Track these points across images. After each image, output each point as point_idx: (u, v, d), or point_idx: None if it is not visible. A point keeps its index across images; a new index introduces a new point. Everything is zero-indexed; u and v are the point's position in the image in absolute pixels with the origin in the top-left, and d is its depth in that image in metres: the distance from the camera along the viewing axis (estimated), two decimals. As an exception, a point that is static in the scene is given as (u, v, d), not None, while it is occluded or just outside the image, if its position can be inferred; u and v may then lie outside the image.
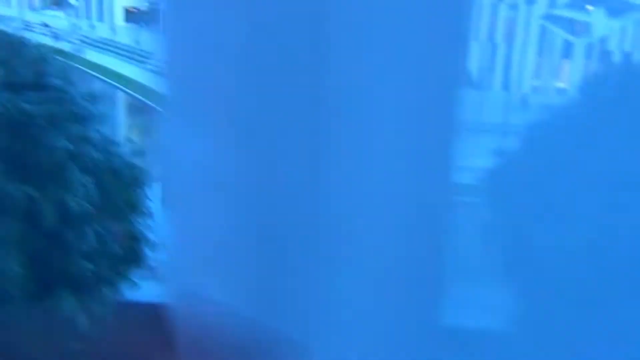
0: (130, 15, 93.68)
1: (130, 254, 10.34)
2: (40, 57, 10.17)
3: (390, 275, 7.72)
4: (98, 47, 76.20)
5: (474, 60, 62.90)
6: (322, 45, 6.08)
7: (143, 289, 11.91)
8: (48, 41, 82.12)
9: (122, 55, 70.92)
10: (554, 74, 61.56)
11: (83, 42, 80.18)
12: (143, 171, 11.28)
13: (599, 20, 60.84)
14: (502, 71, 62.11)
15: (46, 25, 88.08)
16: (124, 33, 74.44)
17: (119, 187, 10.32)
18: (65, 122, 9.00)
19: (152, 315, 10.31)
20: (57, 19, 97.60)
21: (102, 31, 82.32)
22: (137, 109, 56.26)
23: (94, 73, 65.86)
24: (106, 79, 63.23)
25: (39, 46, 10.87)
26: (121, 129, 52.68)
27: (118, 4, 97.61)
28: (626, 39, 62.05)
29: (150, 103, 56.12)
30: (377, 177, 7.41)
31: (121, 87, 60.60)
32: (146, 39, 75.32)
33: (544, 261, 9.11)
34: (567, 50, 62.59)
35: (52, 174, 8.60)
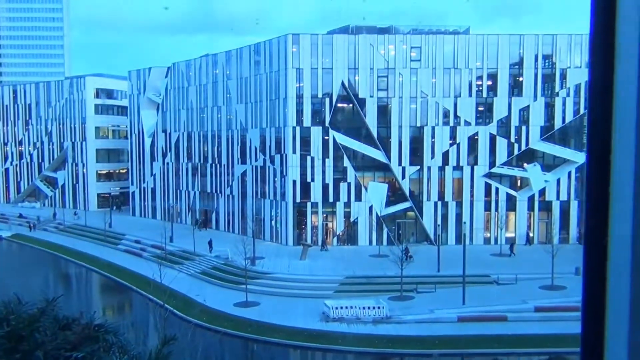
0: (104, 200, 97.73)
1: None
2: None
3: None
4: (73, 233, 79.06)
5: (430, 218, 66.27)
6: None
7: None
8: (24, 231, 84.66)
9: (95, 239, 73.64)
10: (501, 225, 65.21)
11: (59, 229, 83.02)
12: None
13: (536, 174, 65.87)
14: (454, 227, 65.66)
15: (21, 216, 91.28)
16: (97, 218, 77.66)
17: None
18: None
19: None
20: (33, 209, 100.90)
21: (76, 218, 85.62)
22: (110, 289, 58.01)
23: (69, 258, 68.05)
24: (81, 263, 65.38)
25: None
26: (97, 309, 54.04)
27: (92, 192, 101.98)
28: (562, 189, 66.70)
29: (123, 282, 57.95)
30: None
31: (96, 269, 62.73)
32: (118, 222, 78.36)
33: None
34: (511, 203, 66.85)
35: None
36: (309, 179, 65.53)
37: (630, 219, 1.28)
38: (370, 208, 65.31)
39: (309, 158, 65.38)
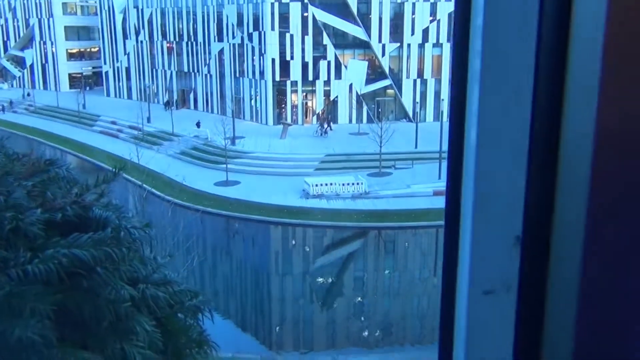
0: (75, 81, 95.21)
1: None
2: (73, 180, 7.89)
3: None
4: (44, 114, 77.40)
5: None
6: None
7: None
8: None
9: (68, 120, 72.22)
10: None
11: (29, 111, 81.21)
12: (202, 297, 9.39)
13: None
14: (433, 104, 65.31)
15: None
16: (69, 99, 75.84)
17: (181, 326, 8.47)
18: (125, 264, 7.13)
19: None
20: (1, 90, 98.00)
21: (47, 99, 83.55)
22: (86, 171, 57.47)
23: (41, 139, 66.97)
24: (54, 144, 64.38)
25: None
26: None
27: (62, 71, 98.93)
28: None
29: (99, 163, 57.50)
30: None
31: (69, 150, 61.87)
32: (92, 103, 76.60)
33: None
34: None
35: (114, 326, 6.96)
36: (288, 57, 63.93)
37: None
38: (350, 86, 64.35)
39: (288, 35, 63.45)
